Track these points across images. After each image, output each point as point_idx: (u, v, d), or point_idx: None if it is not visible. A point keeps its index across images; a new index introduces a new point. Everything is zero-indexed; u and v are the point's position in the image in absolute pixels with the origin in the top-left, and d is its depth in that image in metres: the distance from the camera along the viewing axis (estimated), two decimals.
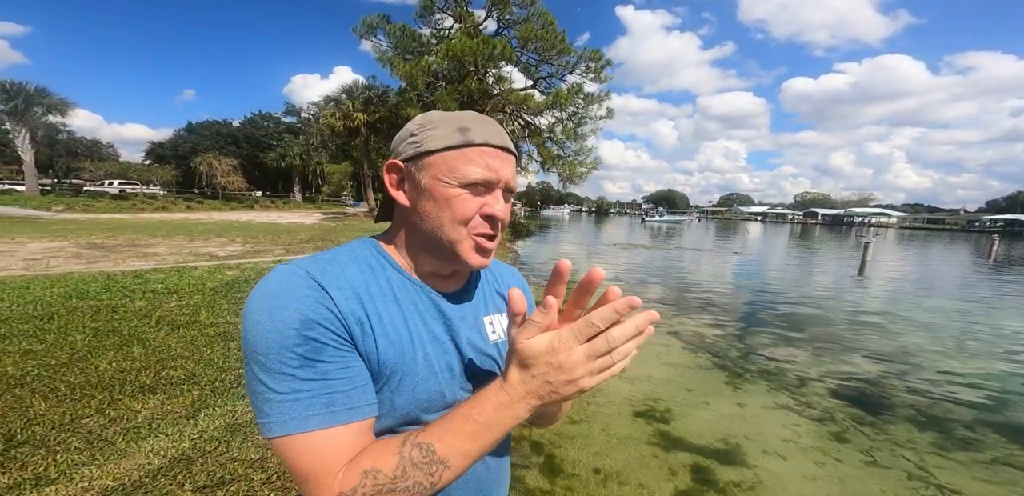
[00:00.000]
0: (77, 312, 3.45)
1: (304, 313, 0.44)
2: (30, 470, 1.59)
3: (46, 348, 2.71)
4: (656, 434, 2.70)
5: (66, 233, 9.52)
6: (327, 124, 23.84)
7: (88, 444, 1.77)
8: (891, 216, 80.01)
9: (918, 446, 2.71)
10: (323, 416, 0.43)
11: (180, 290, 4.32)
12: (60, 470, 1.61)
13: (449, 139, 0.51)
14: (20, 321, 3.16)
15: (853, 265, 12.39)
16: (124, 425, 1.93)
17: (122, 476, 1.61)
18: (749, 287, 8.53)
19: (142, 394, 2.20)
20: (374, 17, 18.11)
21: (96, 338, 2.93)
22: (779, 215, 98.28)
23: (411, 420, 0.50)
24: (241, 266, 5.91)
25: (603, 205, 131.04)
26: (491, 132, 0.52)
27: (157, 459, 1.72)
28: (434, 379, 0.51)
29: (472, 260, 0.53)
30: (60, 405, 2.05)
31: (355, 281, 0.50)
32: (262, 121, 43.26)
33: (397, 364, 0.49)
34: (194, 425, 1.97)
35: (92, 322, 3.24)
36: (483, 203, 0.52)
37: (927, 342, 5.07)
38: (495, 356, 0.59)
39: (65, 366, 2.47)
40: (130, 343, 2.87)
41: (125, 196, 24.19)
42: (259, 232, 11.61)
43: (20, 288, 4.07)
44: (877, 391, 3.59)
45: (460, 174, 0.50)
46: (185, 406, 2.13)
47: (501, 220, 0.53)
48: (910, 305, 7.25)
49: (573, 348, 0.40)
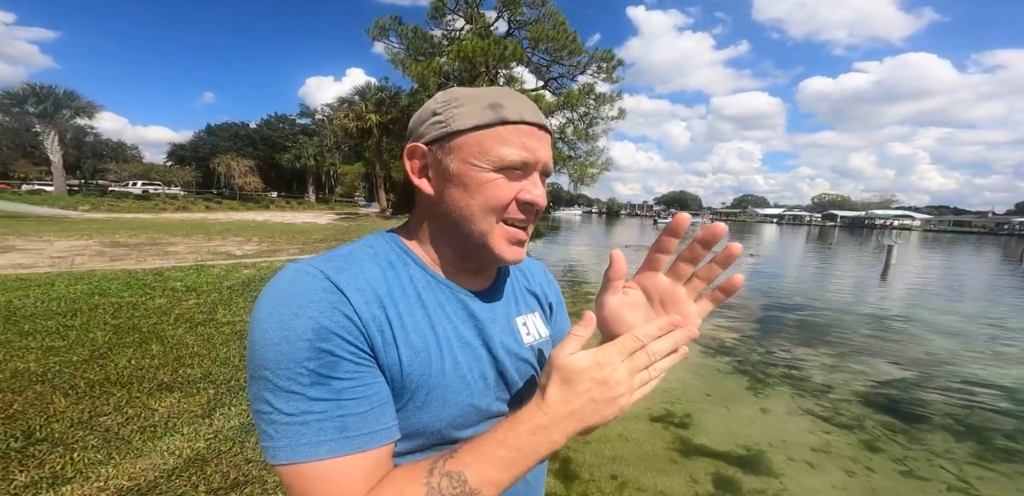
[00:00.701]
0: (99, 309, 3.52)
1: (318, 321, 0.38)
2: (47, 468, 1.60)
3: (68, 345, 2.76)
4: (675, 439, 2.61)
5: (91, 232, 9.82)
6: (340, 125, 24.20)
7: (105, 442, 1.78)
8: (915, 218, 77.58)
9: (956, 456, 2.58)
10: (336, 442, 0.37)
11: (198, 288, 4.39)
12: (77, 469, 1.61)
13: (479, 117, 0.45)
14: (44, 317, 3.23)
15: (875, 269, 11.99)
16: (141, 423, 1.93)
17: (138, 476, 1.60)
18: (767, 290, 8.31)
19: (159, 392, 2.22)
20: (386, 19, 18.31)
21: (116, 335, 2.98)
22: (796, 217, 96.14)
23: (441, 439, 0.45)
24: (257, 265, 5.99)
25: (613, 206, 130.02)
26: (525, 108, 0.47)
27: (172, 459, 1.71)
28: (467, 391, 0.46)
29: (507, 254, 0.48)
30: (79, 402, 2.07)
31: (375, 281, 0.44)
32: (278, 123, 44.22)
33: (423, 376, 0.43)
34: (209, 424, 1.96)
35: (113, 319, 3.30)
36: (520, 188, 0.46)
37: (959, 348, 4.85)
38: (531, 360, 0.54)
39: (86, 363, 2.51)
40: (149, 340, 2.91)
41: (148, 196, 24.94)
42: (274, 232, 11.80)
43: (45, 285, 4.18)
44: (909, 398, 3.43)
45: (495, 156, 0.44)
46: (201, 405, 2.13)
47: (542, 207, 0.48)
48: (938, 310, 6.96)
49: (617, 363, 0.39)
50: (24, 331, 2.93)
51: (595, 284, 8.11)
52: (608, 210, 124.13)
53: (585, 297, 6.81)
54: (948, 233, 58.61)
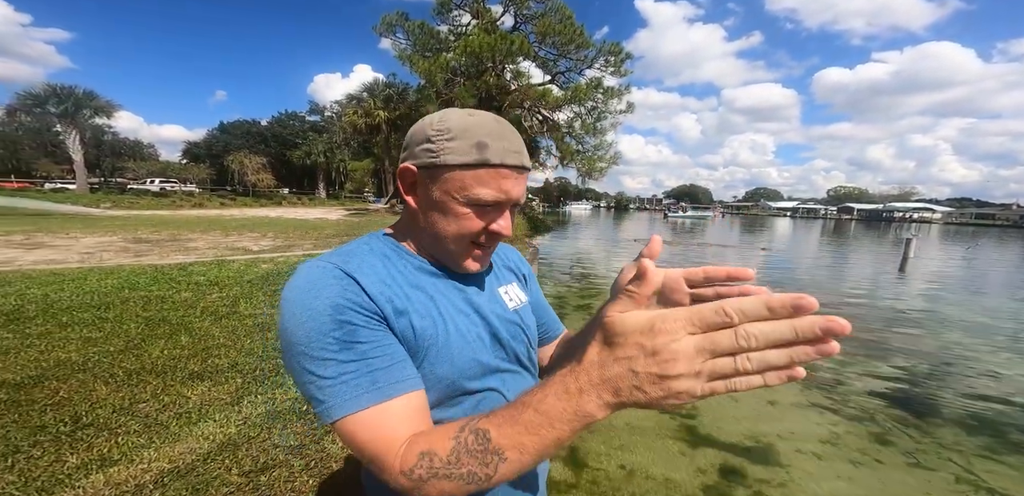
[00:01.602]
0: (130, 302, 3.68)
1: (334, 299, 0.46)
2: (95, 451, 1.72)
3: (104, 336, 2.91)
4: (682, 430, 2.67)
5: (114, 228, 10.14)
6: (349, 122, 24.33)
7: (146, 427, 1.90)
8: (935, 211, 75.04)
9: (966, 449, 2.59)
10: (370, 393, 0.44)
11: (220, 282, 4.54)
12: (122, 452, 1.72)
13: (465, 155, 0.50)
14: (80, 310, 3.40)
15: (893, 262, 11.73)
16: (176, 410, 2.05)
17: (177, 459, 1.71)
18: (778, 284, 8.23)
19: (191, 381, 2.34)
20: (393, 15, 18.25)
21: (148, 327, 3.13)
22: (810, 210, 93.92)
23: (457, 390, 0.54)
24: (274, 260, 6.15)
25: (622, 200, 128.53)
26: (508, 150, 0.51)
27: (207, 444, 1.82)
28: (469, 348, 0.55)
29: (470, 267, 0.58)
30: (119, 390, 2.20)
31: (377, 269, 0.53)
32: (288, 120, 44.62)
33: (432, 337, 0.52)
34: (238, 412, 2.07)
35: (144, 312, 3.46)
36: (490, 220, 0.54)
37: (976, 342, 4.78)
38: (517, 320, 0.63)
39: (122, 353, 2.65)
40: (178, 332, 3.05)
41: (165, 194, 25.49)
42: (288, 228, 12.02)
43: (78, 279, 4.38)
44: (921, 392, 3.42)
45: (472, 194, 0.51)
46: (230, 393, 2.25)
47: (508, 237, 0.56)
48: (957, 304, 6.83)
49: (679, 334, 0.29)
50: (63, 323, 3.10)
51: (604, 277, 8.12)
52: (617, 204, 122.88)
53: (594, 291, 6.85)
54: (970, 226, 56.75)
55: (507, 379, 0.59)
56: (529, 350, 0.65)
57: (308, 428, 1.98)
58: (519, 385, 0.61)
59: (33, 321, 3.10)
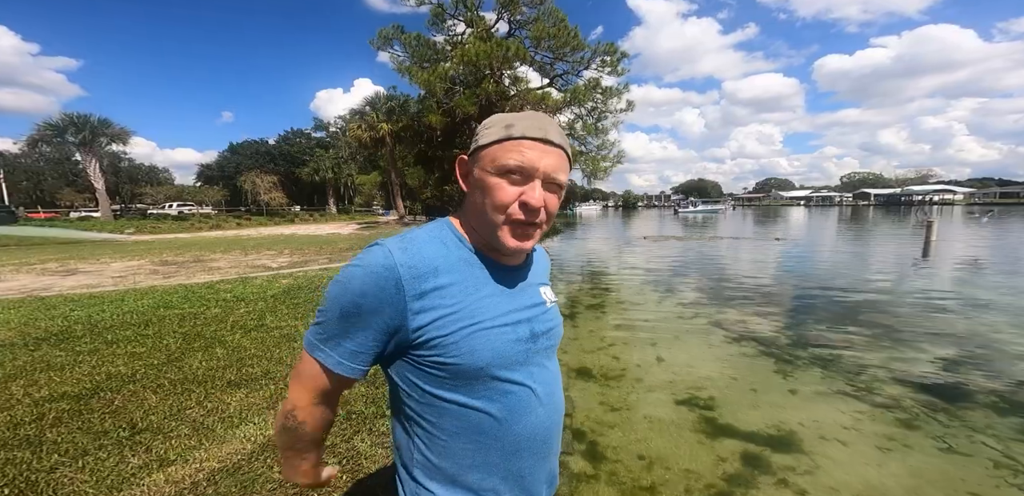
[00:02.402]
0: (166, 320, 3.90)
1: (366, 284, 0.55)
2: (154, 453, 1.86)
3: (147, 351, 3.10)
4: (701, 421, 2.66)
5: (141, 252, 10.58)
6: (354, 136, 24.84)
7: (195, 431, 2.04)
8: (956, 192, 72.63)
9: (1000, 433, 2.52)
10: (325, 353, 0.59)
11: (246, 298, 4.75)
12: (177, 453, 1.87)
13: (496, 135, 0.59)
14: (122, 328, 3.62)
15: (916, 247, 11.46)
16: (220, 415, 2.19)
17: (225, 459, 1.84)
18: (796, 274, 8.11)
19: (230, 388, 2.49)
20: (389, 29, 18.64)
21: (185, 341, 3.31)
22: (825, 198, 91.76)
23: (484, 375, 0.59)
24: (294, 275, 6.37)
25: (629, 199, 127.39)
26: (531, 126, 0.58)
27: (250, 444, 1.95)
28: (504, 338, 0.60)
29: (509, 243, 0.60)
30: (167, 398, 2.36)
31: (429, 257, 0.58)
32: (295, 138, 45.72)
33: (467, 326, 0.57)
34: (275, 415, 2.20)
35: (180, 328, 3.66)
36: (521, 192, 0.57)
37: (1007, 325, 4.65)
38: (553, 316, 0.70)
39: (165, 365, 2.83)
40: (213, 345, 3.22)
41: (184, 217, 26.33)
42: (303, 244, 12.35)
43: (116, 300, 4.64)
44: (951, 376, 3.34)
45: (499, 163, 0.57)
46: (265, 399, 2.39)
47: (537, 208, 0.58)
48: (986, 287, 6.62)
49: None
50: (108, 340, 3.31)
51: (615, 275, 8.15)
52: (624, 203, 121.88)
53: (605, 289, 6.88)
54: (995, 205, 54.71)
55: (536, 373, 0.63)
56: (556, 347, 0.71)
57: (338, 429, 2.08)
58: (548, 381, 0.66)
59: (81, 340, 3.32)
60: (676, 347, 4.08)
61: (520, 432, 0.61)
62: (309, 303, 4.51)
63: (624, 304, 5.86)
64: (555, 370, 0.70)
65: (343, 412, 2.22)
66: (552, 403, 0.66)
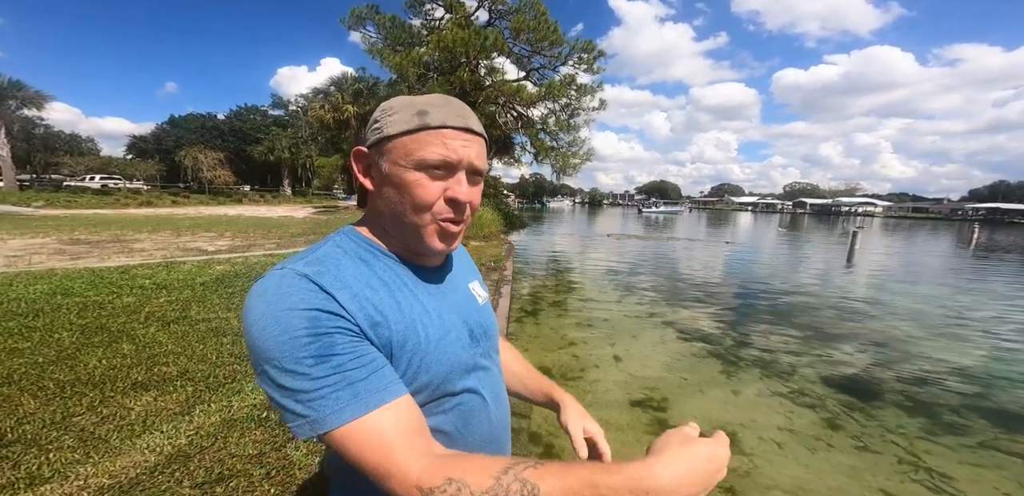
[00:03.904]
0: (63, 309, 3.36)
1: (311, 313, 0.44)
2: (23, 469, 1.56)
3: (32, 346, 2.64)
4: (653, 423, 2.74)
5: (47, 229, 9.26)
6: (316, 117, 23.40)
7: (81, 442, 1.73)
8: (877, 205, 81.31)
9: (907, 431, 2.77)
10: (352, 406, 0.42)
11: (169, 285, 4.23)
12: (54, 469, 1.57)
13: (407, 123, 0.50)
14: (4, 319, 3.07)
15: (842, 254, 12.61)
16: (117, 423, 1.89)
17: (118, 474, 1.58)
18: (741, 276, 8.65)
19: (134, 391, 2.16)
20: (363, 8, 17.62)
21: (84, 335, 2.87)
22: (769, 205, 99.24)
23: (441, 392, 0.53)
24: (231, 260, 5.81)
25: (596, 196, 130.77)
26: (449, 114, 0.51)
27: (153, 456, 1.69)
28: (449, 351, 0.54)
29: (435, 245, 0.53)
30: (50, 403, 2.00)
31: (353, 278, 0.50)
32: (248, 114, 42.30)
33: (415, 345, 0.50)
34: (189, 421, 1.94)
35: (79, 319, 3.17)
36: (445, 187, 0.51)
37: (913, 329, 5.20)
38: (487, 315, 0.65)
39: (53, 364, 2.41)
40: (119, 340, 2.81)
41: (108, 191, 23.56)
42: (248, 226, 11.41)
43: (2, 285, 3.96)
44: (866, 377, 3.67)
45: (417, 157, 0.50)
46: (179, 402, 2.09)
47: (465, 202, 0.52)
48: (897, 292, 7.42)
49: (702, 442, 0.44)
50: None
51: (578, 272, 8.25)
52: (591, 200, 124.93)
53: (568, 286, 6.93)
54: (908, 219, 61.91)
55: (482, 377, 0.59)
56: (496, 343, 0.67)
57: (268, 436, 1.87)
58: (492, 383, 0.62)
59: None
60: (633, 347, 4.16)
61: (474, 442, 0.57)
62: (246, 292, 4.10)
63: (586, 302, 5.92)
64: (497, 372, 0.66)
65: (276, 416, 1.99)
66: (500, 405, 0.63)
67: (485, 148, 0.55)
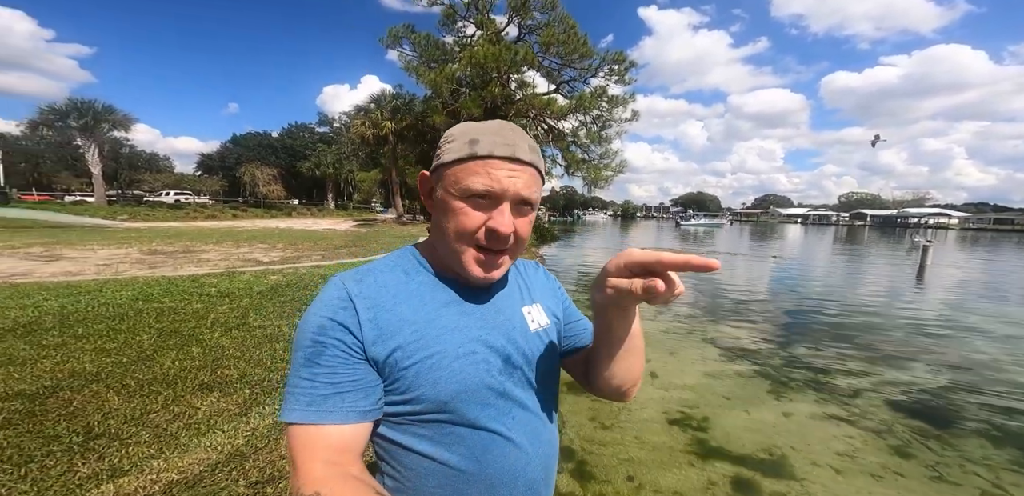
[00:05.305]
0: (143, 314, 3.75)
1: (322, 321, 0.51)
2: (107, 461, 1.74)
3: (118, 347, 2.96)
4: (693, 442, 2.60)
5: (130, 240, 10.38)
6: (357, 133, 24.78)
7: (156, 438, 1.92)
8: (952, 216, 73.36)
9: (993, 462, 2.48)
10: (301, 412, 0.48)
11: (231, 294, 4.61)
12: (132, 462, 1.74)
13: (459, 152, 0.52)
14: (95, 321, 3.47)
15: (910, 270, 11.47)
16: (186, 421, 2.07)
17: (186, 470, 1.72)
18: (792, 293, 8.08)
19: (201, 391, 2.36)
20: (399, 28, 18.68)
21: (160, 338, 3.18)
22: (822, 217, 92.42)
23: (444, 408, 0.52)
24: (283, 271, 6.23)
25: (629, 209, 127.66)
26: (498, 143, 0.52)
27: (215, 454, 1.83)
28: (461, 370, 0.53)
29: (474, 271, 0.54)
30: (131, 400, 2.23)
31: (385, 287, 0.55)
32: (298, 132, 45.72)
33: (423, 358, 0.52)
34: (246, 423, 2.08)
35: (157, 323, 3.52)
36: (488, 217, 0.52)
37: (1000, 353, 4.61)
38: (537, 344, 0.61)
39: (135, 364, 2.69)
40: (190, 343, 3.09)
41: (180, 205, 26.09)
42: (297, 239, 12.19)
43: (94, 291, 4.48)
44: (944, 404, 3.30)
45: (463, 186, 0.52)
46: (238, 404, 2.26)
47: (506, 235, 0.52)
48: (979, 313, 6.61)
49: None
50: (78, 334, 3.16)
51: None
52: (623, 213, 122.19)
53: None
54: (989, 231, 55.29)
55: (511, 410, 0.55)
56: (547, 376, 0.62)
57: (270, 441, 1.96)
58: (526, 420, 0.57)
59: (49, 332, 3.17)
60: (671, 363, 4.00)
61: (494, 474, 0.54)
62: (296, 302, 4.39)
63: None
64: (537, 407, 0.59)
65: None
66: (535, 443, 0.57)
67: (538, 176, 0.55)
